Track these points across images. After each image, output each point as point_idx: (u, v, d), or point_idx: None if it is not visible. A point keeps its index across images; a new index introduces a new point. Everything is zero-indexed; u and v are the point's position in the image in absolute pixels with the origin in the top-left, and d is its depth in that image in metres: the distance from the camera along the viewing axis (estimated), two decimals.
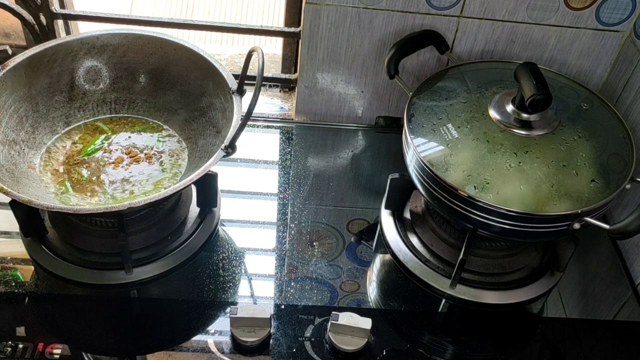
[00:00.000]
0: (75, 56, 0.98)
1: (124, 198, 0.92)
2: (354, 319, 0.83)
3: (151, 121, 1.03)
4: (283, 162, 1.13)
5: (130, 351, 0.85)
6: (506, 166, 0.83)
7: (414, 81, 1.13)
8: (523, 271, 0.95)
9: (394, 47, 0.99)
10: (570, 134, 0.87)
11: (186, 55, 0.98)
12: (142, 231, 0.92)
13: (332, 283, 0.94)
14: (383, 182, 1.00)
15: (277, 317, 0.88)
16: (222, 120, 0.93)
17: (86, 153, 0.97)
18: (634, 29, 1.04)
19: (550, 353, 0.92)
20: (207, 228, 0.96)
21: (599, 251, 1.05)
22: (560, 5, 1.03)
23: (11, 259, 0.94)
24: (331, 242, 0.99)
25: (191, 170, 0.94)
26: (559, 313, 0.95)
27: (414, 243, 0.97)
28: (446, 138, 0.87)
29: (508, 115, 0.87)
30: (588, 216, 0.80)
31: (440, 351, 0.88)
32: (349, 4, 1.04)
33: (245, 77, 0.91)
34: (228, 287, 0.92)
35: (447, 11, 1.04)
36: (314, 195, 1.06)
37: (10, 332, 0.84)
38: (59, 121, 0.99)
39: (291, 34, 1.15)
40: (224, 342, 0.85)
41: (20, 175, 0.89)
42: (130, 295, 0.90)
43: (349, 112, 1.20)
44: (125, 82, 1.02)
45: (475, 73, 0.98)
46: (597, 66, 1.10)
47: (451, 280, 0.91)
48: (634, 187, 0.87)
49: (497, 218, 0.81)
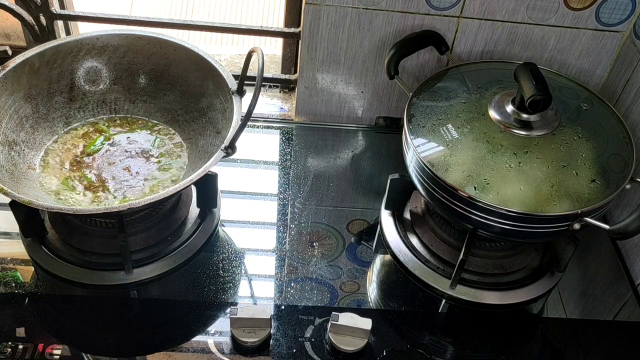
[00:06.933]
0: (75, 57, 0.98)
1: (123, 199, 0.92)
2: (354, 319, 0.83)
3: (151, 121, 1.03)
4: (283, 162, 1.12)
5: (130, 352, 0.85)
6: (506, 166, 0.83)
7: (413, 81, 1.13)
8: (523, 271, 0.95)
9: (394, 48, 0.99)
10: (570, 134, 0.87)
11: (186, 55, 0.98)
12: (142, 232, 0.92)
13: (332, 283, 0.94)
14: (383, 182, 1.00)
15: (277, 318, 0.88)
16: (222, 121, 0.93)
17: (86, 153, 0.97)
18: (634, 29, 1.04)
19: (550, 353, 0.92)
20: (207, 228, 0.96)
21: (599, 251, 1.05)
22: (560, 6, 1.03)
23: (11, 259, 0.94)
24: (331, 243, 0.99)
25: (191, 170, 0.94)
26: (559, 313, 0.95)
27: (414, 243, 0.97)
28: (446, 138, 0.87)
29: (508, 116, 0.87)
30: (588, 216, 0.80)
31: (441, 352, 0.88)
32: (349, 4, 1.04)
33: (245, 78, 0.91)
34: (228, 288, 0.92)
35: (447, 11, 1.04)
36: (314, 195, 1.06)
37: (10, 333, 0.84)
38: (59, 122, 0.99)
39: (291, 35, 1.15)
40: (224, 342, 0.85)
41: (20, 176, 0.89)
42: (130, 295, 0.90)
43: (349, 112, 1.20)
44: (125, 83, 1.02)
45: (475, 73, 0.98)
46: (597, 66, 1.10)
47: (451, 281, 0.91)
48: (634, 187, 0.87)
49: (497, 218, 0.81)
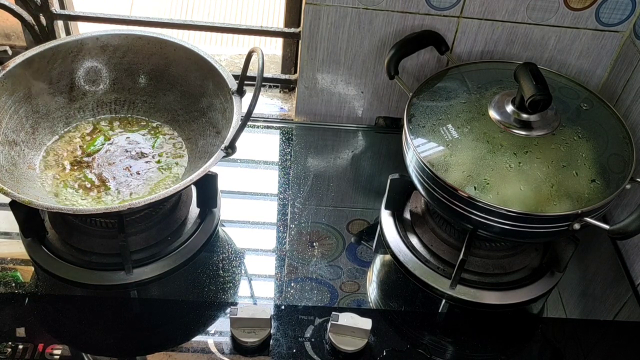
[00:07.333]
0: (75, 57, 0.98)
1: (123, 199, 0.92)
2: (354, 319, 0.83)
3: (151, 122, 1.03)
4: (283, 162, 1.12)
5: (130, 352, 0.85)
6: (506, 166, 0.83)
7: (413, 82, 1.13)
8: (523, 271, 0.95)
9: (394, 48, 0.99)
10: (570, 134, 0.87)
11: (186, 55, 0.98)
12: (142, 232, 0.92)
13: (332, 283, 0.94)
14: (383, 182, 1.00)
15: (277, 318, 0.88)
16: (222, 121, 0.93)
17: (86, 153, 0.97)
18: (634, 29, 1.04)
19: (550, 353, 0.92)
20: (207, 228, 0.96)
21: (599, 251, 1.05)
22: (560, 6, 1.03)
23: (11, 259, 0.94)
24: (331, 243, 0.99)
25: (191, 170, 0.94)
26: (559, 313, 0.95)
27: (414, 243, 0.97)
28: (446, 138, 0.87)
29: (508, 116, 0.87)
30: (588, 216, 0.80)
31: (441, 352, 0.88)
32: (349, 4, 1.04)
33: (245, 78, 0.91)
34: (228, 288, 0.92)
35: (447, 12, 1.04)
36: (314, 195, 1.06)
37: (10, 333, 0.84)
38: (59, 122, 0.99)
39: (291, 35, 1.15)
40: (224, 342, 0.85)
41: (20, 176, 0.89)
42: (130, 295, 0.90)
43: (348, 112, 1.20)
44: (125, 83, 1.02)
45: (475, 73, 0.98)
46: (597, 66, 1.10)
47: (451, 281, 0.91)
48: (634, 187, 0.87)
49: (497, 218, 0.81)
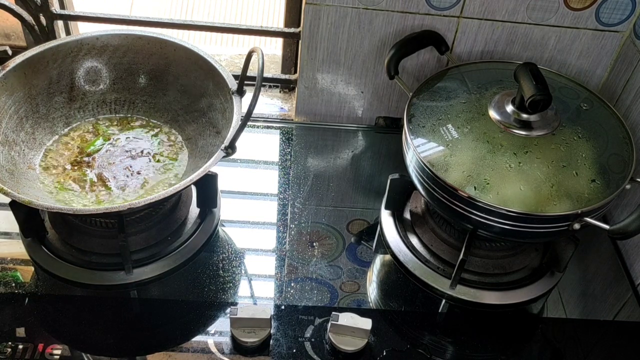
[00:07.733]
0: (75, 57, 0.98)
1: (124, 199, 0.92)
2: (354, 319, 0.83)
3: (151, 121, 1.03)
4: (283, 162, 1.12)
5: (130, 352, 0.85)
6: (506, 166, 0.83)
7: (413, 82, 1.13)
8: (523, 271, 0.95)
9: (394, 48, 0.99)
10: (570, 134, 0.87)
11: (186, 55, 0.98)
12: (142, 232, 0.92)
13: (332, 283, 0.94)
14: (383, 182, 1.00)
15: (277, 318, 0.88)
16: (222, 121, 0.93)
17: (86, 153, 0.97)
18: (634, 29, 1.04)
19: (550, 353, 0.92)
20: (207, 228, 0.96)
21: (599, 251, 1.05)
22: (560, 6, 1.03)
23: (11, 259, 0.94)
24: (331, 243, 0.99)
25: (191, 170, 0.94)
26: (559, 313, 0.95)
27: (414, 243, 0.97)
28: (446, 138, 0.87)
29: (508, 116, 0.87)
30: (588, 216, 0.80)
31: (441, 352, 0.88)
32: (349, 4, 1.04)
33: (245, 78, 0.91)
34: (228, 288, 0.92)
35: (447, 12, 1.04)
36: (314, 195, 1.06)
37: (10, 333, 0.84)
38: (59, 122, 0.99)
39: (291, 35, 1.15)
40: (224, 342, 0.85)
41: (20, 176, 0.89)
42: (130, 295, 0.90)
43: (348, 112, 1.20)
44: (125, 83, 1.02)
45: (475, 73, 0.98)
46: (597, 66, 1.10)
47: (451, 281, 0.91)
48: (634, 187, 0.87)
49: (497, 218, 0.81)
